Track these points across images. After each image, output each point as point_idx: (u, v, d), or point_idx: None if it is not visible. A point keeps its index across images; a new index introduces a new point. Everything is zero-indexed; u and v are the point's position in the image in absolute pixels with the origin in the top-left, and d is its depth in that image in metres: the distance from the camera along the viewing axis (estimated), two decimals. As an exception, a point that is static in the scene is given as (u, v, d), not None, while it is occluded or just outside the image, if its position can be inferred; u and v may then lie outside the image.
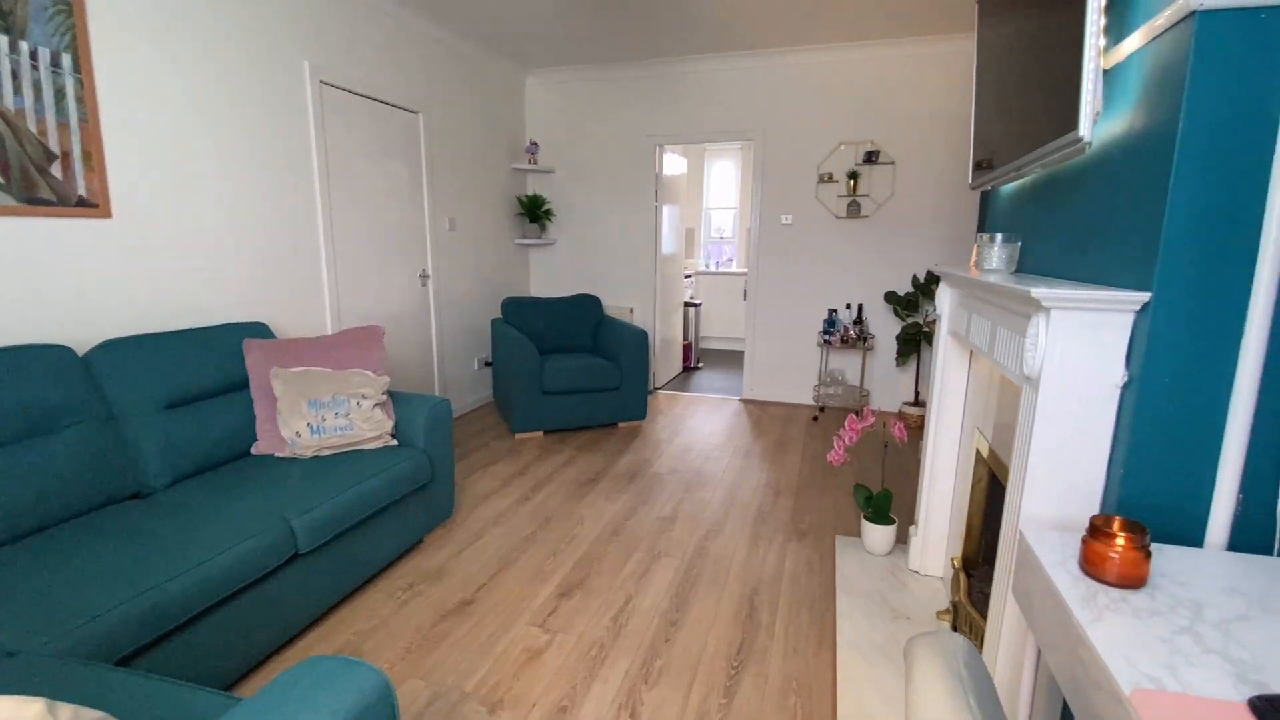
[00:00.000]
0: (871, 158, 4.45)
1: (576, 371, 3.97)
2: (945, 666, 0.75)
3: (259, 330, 2.57)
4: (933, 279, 4.38)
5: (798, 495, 3.19)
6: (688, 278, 6.82)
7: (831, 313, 4.67)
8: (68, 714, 0.78)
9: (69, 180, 2.11)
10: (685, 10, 3.78)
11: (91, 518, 1.80)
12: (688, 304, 6.30)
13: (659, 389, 5.42)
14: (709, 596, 2.27)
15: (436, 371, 4.22)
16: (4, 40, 1.92)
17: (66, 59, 2.08)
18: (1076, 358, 1.21)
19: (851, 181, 4.51)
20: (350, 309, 3.45)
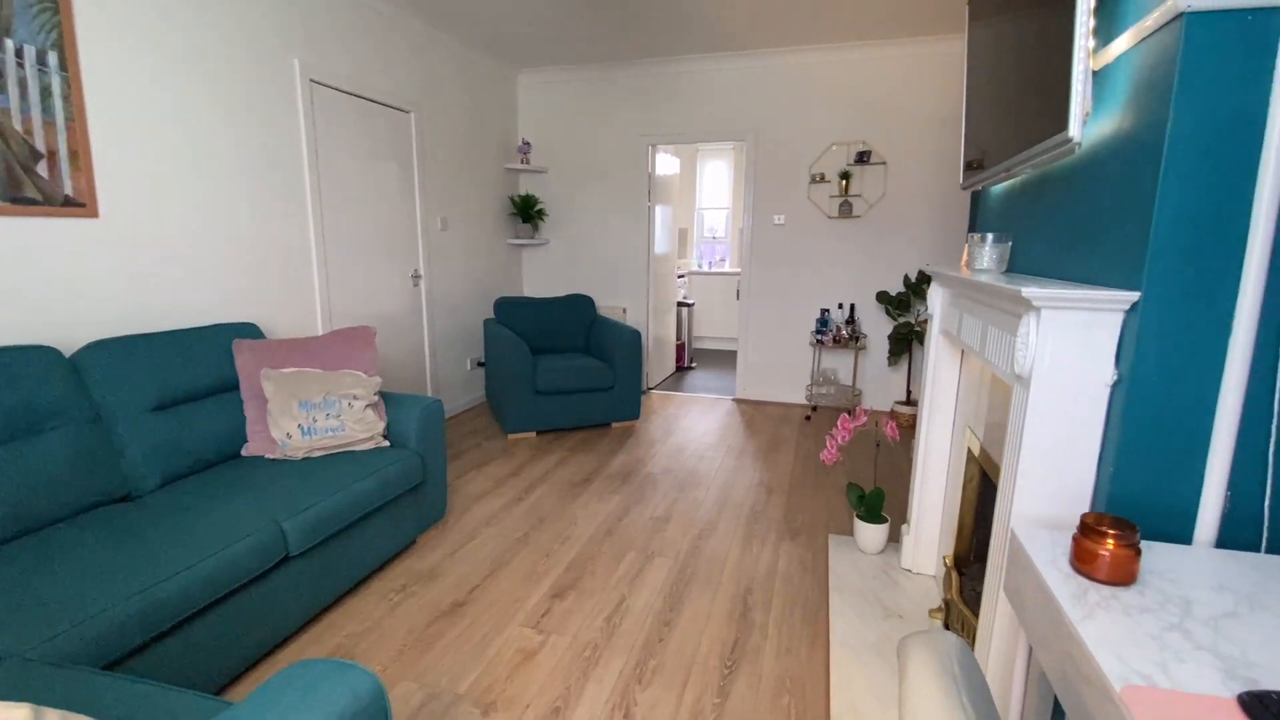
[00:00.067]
0: (863, 158, 4.47)
1: (569, 372, 3.96)
2: (938, 665, 0.76)
3: (249, 331, 2.55)
4: (924, 279, 4.40)
5: (790, 494, 3.20)
6: (681, 278, 6.83)
7: (824, 312, 4.69)
8: (54, 719, 0.77)
9: (55, 179, 2.09)
10: (677, 10, 3.78)
11: (80, 520, 1.78)
12: (681, 304, 6.31)
13: (652, 389, 5.42)
14: (702, 596, 2.27)
15: (429, 372, 4.20)
16: (-11, 38, 1.90)
17: (53, 57, 2.06)
18: (1067, 357, 1.22)
19: (843, 182, 4.52)
20: (341, 309, 3.43)
